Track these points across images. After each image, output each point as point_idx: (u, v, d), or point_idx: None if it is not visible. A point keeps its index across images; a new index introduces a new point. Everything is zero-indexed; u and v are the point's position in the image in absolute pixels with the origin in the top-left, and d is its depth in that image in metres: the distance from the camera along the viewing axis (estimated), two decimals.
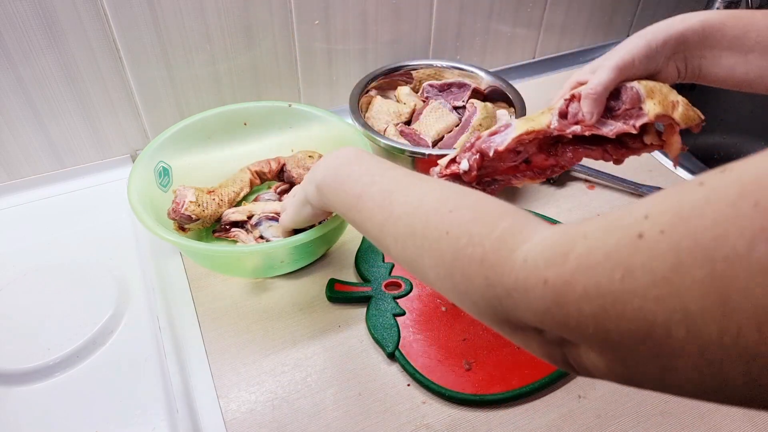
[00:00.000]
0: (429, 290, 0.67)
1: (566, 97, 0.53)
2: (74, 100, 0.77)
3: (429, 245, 0.38)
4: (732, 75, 0.52)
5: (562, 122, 0.52)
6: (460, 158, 0.56)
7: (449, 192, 0.40)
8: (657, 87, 0.51)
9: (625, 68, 0.51)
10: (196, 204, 0.68)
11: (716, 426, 0.56)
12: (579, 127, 0.52)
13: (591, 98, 0.51)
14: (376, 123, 0.84)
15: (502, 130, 0.54)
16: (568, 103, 0.52)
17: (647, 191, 0.80)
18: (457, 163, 0.56)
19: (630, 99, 0.51)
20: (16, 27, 0.68)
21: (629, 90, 0.51)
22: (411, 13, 0.92)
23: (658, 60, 0.52)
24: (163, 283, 0.69)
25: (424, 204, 0.40)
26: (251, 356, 0.62)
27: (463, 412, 0.57)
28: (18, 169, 0.80)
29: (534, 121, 0.53)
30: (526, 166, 0.58)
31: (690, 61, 0.53)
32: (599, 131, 0.51)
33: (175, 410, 0.56)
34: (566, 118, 0.52)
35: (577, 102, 0.52)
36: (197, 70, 0.82)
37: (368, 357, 0.61)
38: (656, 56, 0.51)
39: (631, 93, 0.51)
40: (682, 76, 0.54)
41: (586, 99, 0.51)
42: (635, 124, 0.50)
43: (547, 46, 1.10)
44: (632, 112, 0.51)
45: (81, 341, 0.60)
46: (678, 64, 0.53)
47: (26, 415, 0.56)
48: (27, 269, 0.68)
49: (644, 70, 0.52)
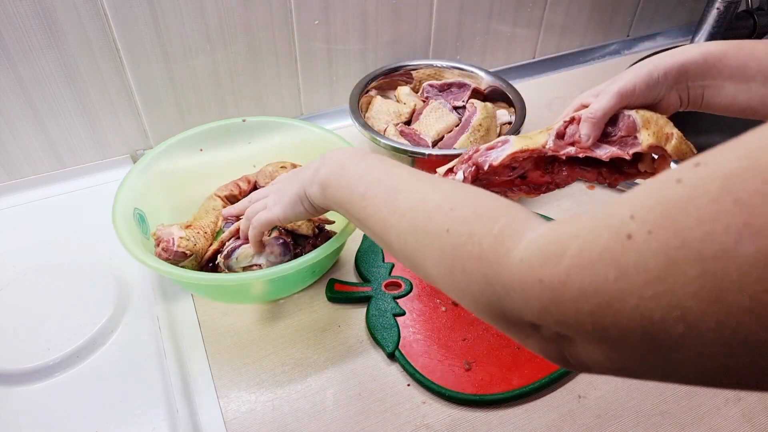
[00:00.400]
0: (429, 290, 0.67)
1: (566, 119, 0.54)
2: (74, 100, 0.77)
3: (430, 242, 0.38)
4: (734, 103, 0.53)
5: (558, 143, 0.54)
6: (457, 169, 0.58)
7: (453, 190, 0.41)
8: (654, 118, 0.53)
9: (626, 95, 0.52)
10: (186, 239, 0.64)
11: (716, 426, 0.56)
12: (574, 148, 0.53)
13: (590, 121, 0.53)
14: (376, 123, 0.84)
15: (499, 145, 0.56)
16: (567, 124, 0.54)
17: None
18: (454, 174, 0.58)
19: (626, 127, 0.53)
20: (16, 27, 0.68)
21: (626, 118, 0.53)
22: (411, 13, 0.92)
23: (659, 89, 0.53)
24: (163, 284, 0.69)
25: (427, 201, 0.40)
26: (251, 356, 0.62)
27: (463, 412, 0.57)
28: (18, 169, 0.80)
29: (531, 140, 0.55)
30: (521, 181, 0.59)
31: (692, 91, 0.54)
32: (593, 153, 0.53)
33: (175, 410, 0.56)
34: (563, 139, 0.54)
35: (576, 124, 0.53)
36: (197, 70, 0.82)
37: (368, 357, 0.62)
38: (657, 85, 0.53)
39: (628, 121, 0.53)
40: (685, 104, 0.55)
41: (585, 122, 0.53)
42: (629, 152, 0.52)
43: (547, 46, 1.10)
44: (627, 140, 0.53)
45: (81, 341, 0.60)
46: (680, 93, 0.54)
47: (26, 415, 0.56)
48: (27, 269, 0.68)
49: (645, 98, 0.53)
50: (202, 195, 0.75)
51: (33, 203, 0.79)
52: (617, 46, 1.16)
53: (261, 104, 0.90)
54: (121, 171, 0.83)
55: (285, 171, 0.73)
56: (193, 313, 0.66)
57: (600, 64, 1.13)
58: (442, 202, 0.39)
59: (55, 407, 0.57)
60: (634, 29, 1.17)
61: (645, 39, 1.19)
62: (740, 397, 0.58)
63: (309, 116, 0.95)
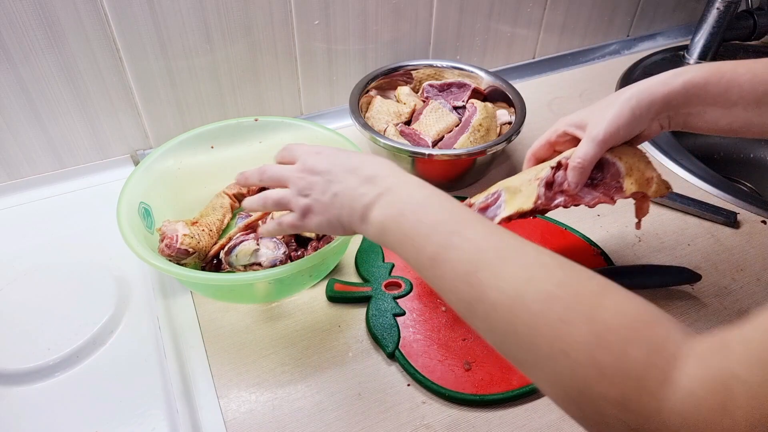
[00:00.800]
0: (429, 290, 0.67)
1: (553, 165, 0.56)
2: (74, 100, 0.77)
3: (540, 359, 0.33)
4: (716, 126, 0.54)
5: (547, 194, 0.56)
6: None
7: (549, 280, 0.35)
8: (636, 164, 0.55)
9: (611, 139, 0.54)
10: (189, 236, 0.64)
11: None
12: (563, 198, 0.56)
13: (577, 170, 0.54)
14: (376, 123, 0.84)
15: (491, 203, 0.58)
16: (555, 171, 0.56)
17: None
18: None
19: (611, 174, 0.55)
20: (16, 27, 0.68)
21: (611, 166, 0.55)
22: (411, 13, 0.92)
23: (642, 125, 0.55)
24: (163, 283, 0.69)
25: (524, 298, 0.34)
26: (251, 356, 0.62)
27: (463, 412, 0.57)
28: (18, 169, 0.80)
29: (521, 194, 0.57)
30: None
31: (674, 119, 0.56)
32: (581, 201, 0.56)
33: (175, 410, 0.56)
34: (551, 188, 0.56)
35: (564, 170, 0.55)
36: (197, 70, 0.82)
37: (368, 357, 0.61)
38: (641, 123, 0.54)
39: (613, 169, 0.55)
40: (665, 129, 0.57)
41: (573, 170, 0.54)
42: (613, 197, 0.55)
43: (547, 46, 1.10)
44: (611, 185, 0.55)
45: (81, 341, 0.60)
46: (662, 122, 0.56)
47: (26, 415, 0.56)
48: (27, 269, 0.68)
49: (628, 135, 0.55)
50: (212, 192, 0.75)
51: (33, 203, 0.79)
52: (617, 46, 1.16)
53: (261, 104, 0.90)
54: (121, 171, 0.83)
55: None
56: (193, 313, 0.66)
57: (600, 64, 1.13)
58: (544, 304, 0.33)
59: (55, 407, 0.57)
60: (634, 29, 1.17)
61: (645, 39, 1.19)
62: None
63: (309, 116, 0.95)
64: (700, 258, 0.73)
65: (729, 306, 0.67)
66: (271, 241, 0.66)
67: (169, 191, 0.71)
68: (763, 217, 0.78)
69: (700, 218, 0.78)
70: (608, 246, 0.73)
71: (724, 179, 0.84)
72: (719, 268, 0.71)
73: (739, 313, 0.66)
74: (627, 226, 0.77)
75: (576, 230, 0.75)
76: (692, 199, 0.79)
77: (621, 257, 0.72)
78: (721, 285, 0.69)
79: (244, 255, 0.65)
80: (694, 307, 0.67)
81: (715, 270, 0.71)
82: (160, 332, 0.63)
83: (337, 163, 0.49)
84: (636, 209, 0.59)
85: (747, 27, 1.06)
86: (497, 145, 0.75)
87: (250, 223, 0.69)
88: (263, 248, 0.65)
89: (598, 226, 0.77)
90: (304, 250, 0.69)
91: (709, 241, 0.75)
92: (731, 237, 0.76)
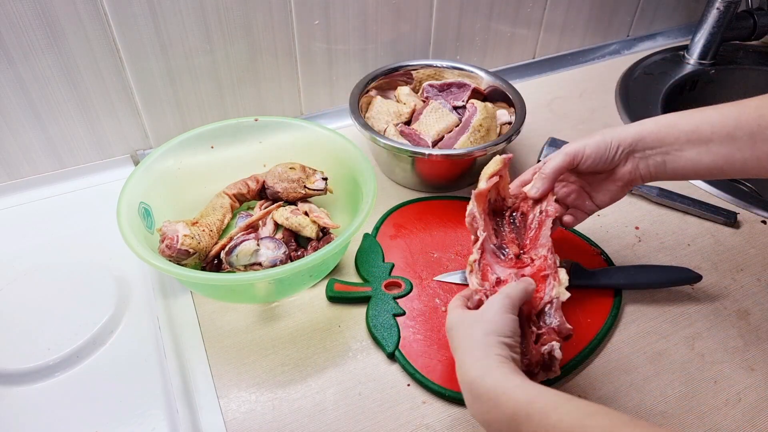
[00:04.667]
0: (429, 290, 0.67)
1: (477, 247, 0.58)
2: (74, 100, 0.77)
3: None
4: (700, 166, 0.55)
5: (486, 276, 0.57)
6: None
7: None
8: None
9: (578, 155, 0.58)
10: (190, 237, 0.64)
11: (716, 426, 0.56)
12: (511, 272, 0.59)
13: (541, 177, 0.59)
14: (376, 123, 0.84)
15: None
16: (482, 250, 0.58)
17: (647, 191, 0.80)
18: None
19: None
20: (16, 27, 0.68)
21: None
22: (411, 13, 0.92)
23: (611, 153, 0.57)
24: (163, 283, 0.69)
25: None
26: (251, 356, 0.62)
27: (463, 412, 0.57)
28: (18, 169, 0.80)
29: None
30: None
31: (652, 159, 0.57)
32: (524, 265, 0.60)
33: (175, 410, 0.56)
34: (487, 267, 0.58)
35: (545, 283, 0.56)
36: (197, 70, 0.82)
37: (368, 357, 0.62)
38: (609, 149, 0.57)
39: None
40: (648, 176, 0.58)
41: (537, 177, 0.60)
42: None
43: (547, 46, 1.10)
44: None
45: (81, 341, 0.60)
46: (639, 163, 0.58)
47: (26, 415, 0.56)
48: (27, 269, 0.68)
49: (595, 160, 0.58)
50: (212, 192, 0.75)
51: (33, 203, 0.79)
52: (617, 46, 1.16)
53: (261, 104, 0.90)
54: (121, 171, 0.83)
55: (294, 172, 0.73)
56: (193, 313, 0.66)
57: (600, 64, 1.13)
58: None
59: (55, 407, 0.57)
60: (634, 29, 1.17)
61: (645, 39, 1.19)
62: (740, 397, 0.58)
63: (309, 116, 0.95)
64: (700, 258, 0.73)
65: (729, 306, 0.67)
66: (272, 241, 0.66)
67: (169, 191, 0.71)
68: (763, 217, 0.78)
69: (700, 218, 0.78)
70: (608, 246, 0.74)
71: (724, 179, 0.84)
72: (719, 268, 0.72)
73: (739, 313, 0.66)
74: (627, 226, 0.77)
75: (576, 230, 0.75)
76: (692, 199, 0.79)
77: (621, 257, 0.72)
78: (721, 285, 0.69)
79: (245, 255, 0.65)
80: (694, 307, 0.67)
81: (715, 270, 0.71)
82: (160, 332, 0.63)
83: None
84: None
85: (747, 27, 1.06)
86: (497, 145, 0.75)
87: (250, 223, 0.69)
88: (263, 248, 0.65)
89: (598, 226, 0.77)
90: (304, 250, 0.69)
91: (709, 241, 0.75)
92: (731, 237, 0.76)
